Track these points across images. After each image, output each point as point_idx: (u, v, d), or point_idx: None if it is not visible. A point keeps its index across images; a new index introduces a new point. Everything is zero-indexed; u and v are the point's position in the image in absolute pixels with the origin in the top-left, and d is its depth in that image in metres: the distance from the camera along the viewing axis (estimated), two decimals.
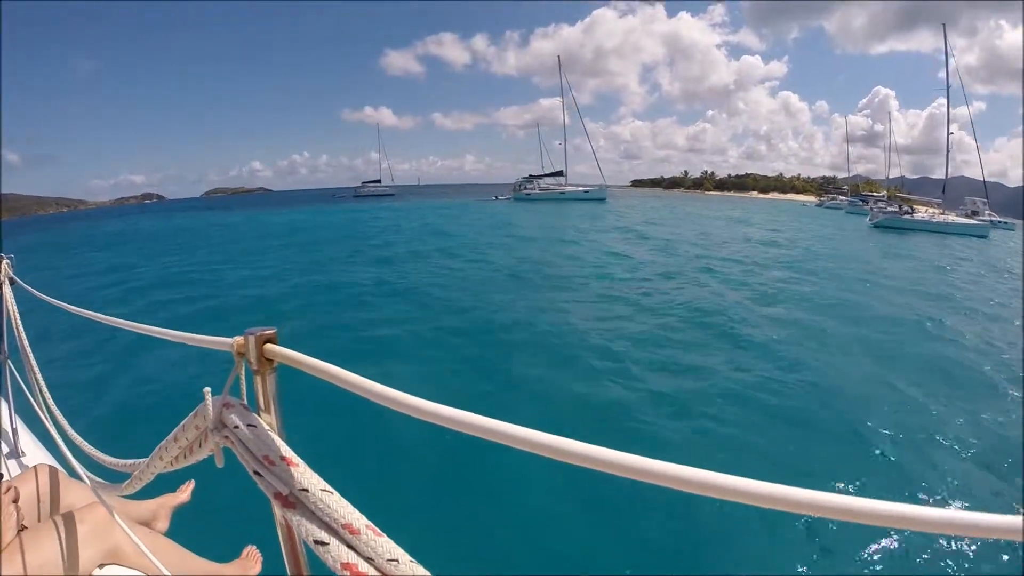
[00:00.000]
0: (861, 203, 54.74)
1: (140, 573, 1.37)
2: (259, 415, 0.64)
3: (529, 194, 52.06)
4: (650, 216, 31.62)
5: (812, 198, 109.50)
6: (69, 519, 1.31)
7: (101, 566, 1.35)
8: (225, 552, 1.63)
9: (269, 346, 0.64)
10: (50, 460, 1.82)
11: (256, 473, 0.59)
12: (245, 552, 1.68)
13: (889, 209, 33.02)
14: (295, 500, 0.57)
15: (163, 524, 1.72)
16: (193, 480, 1.89)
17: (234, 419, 0.63)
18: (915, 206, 32.12)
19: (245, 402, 0.66)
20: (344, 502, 0.55)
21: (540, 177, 55.72)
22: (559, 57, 60.08)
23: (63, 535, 1.28)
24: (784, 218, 36.59)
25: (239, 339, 0.65)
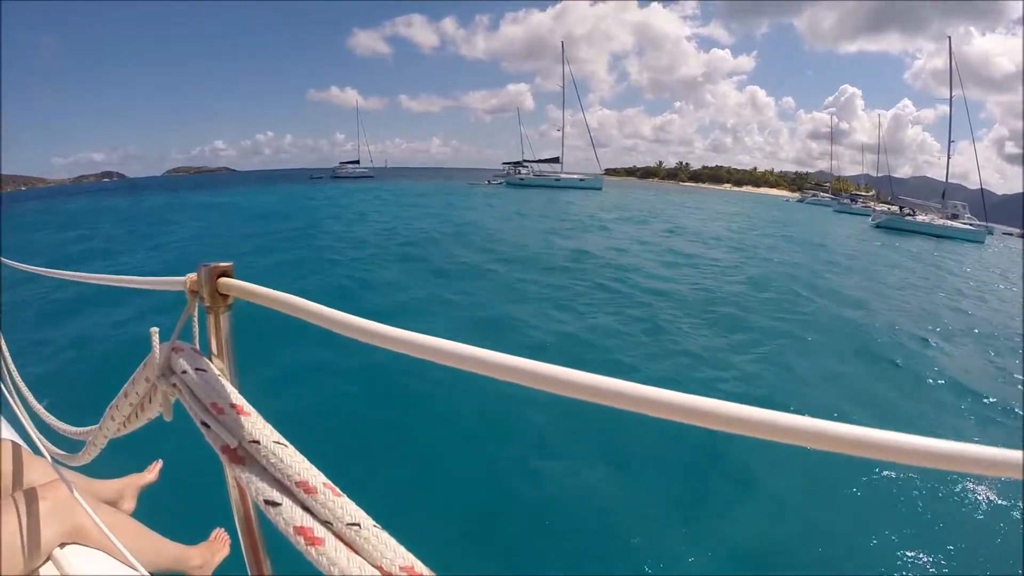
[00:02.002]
0: (850, 201, 55.32)
1: (102, 553, 1.29)
2: (211, 360, 0.57)
3: (523, 179, 50.04)
4: (661, 210, 29.87)
5: (785, 192, 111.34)
6: (30, 496, 1.24)
7: (62, 545, 1.27)
8: (193, 534, 1.55)
9: (224, 280, 0.56)
10: (13, 436, 1.74)
11: (204, 424, 0.52)
12: (213, 534, 1.61)
13: (891, 210, 33.54)
14: (244, 454, 0.49)
15: (129, 504, 1.64)
16: (161, 460, 1.81)
17: (182, 364, 0.55)
18: (915, 209, 32.44)
19: (197, 346, 0.58)
20: (300, 457, 0.48)
21: (534, 162, 54.18)
22: (563, 43, 58.24)
23: (22, 512, 1.21)
24: (780, 214, 36.37)
25: (192, 276, 0.58)
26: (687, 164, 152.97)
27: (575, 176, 51.19)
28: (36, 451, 1.44)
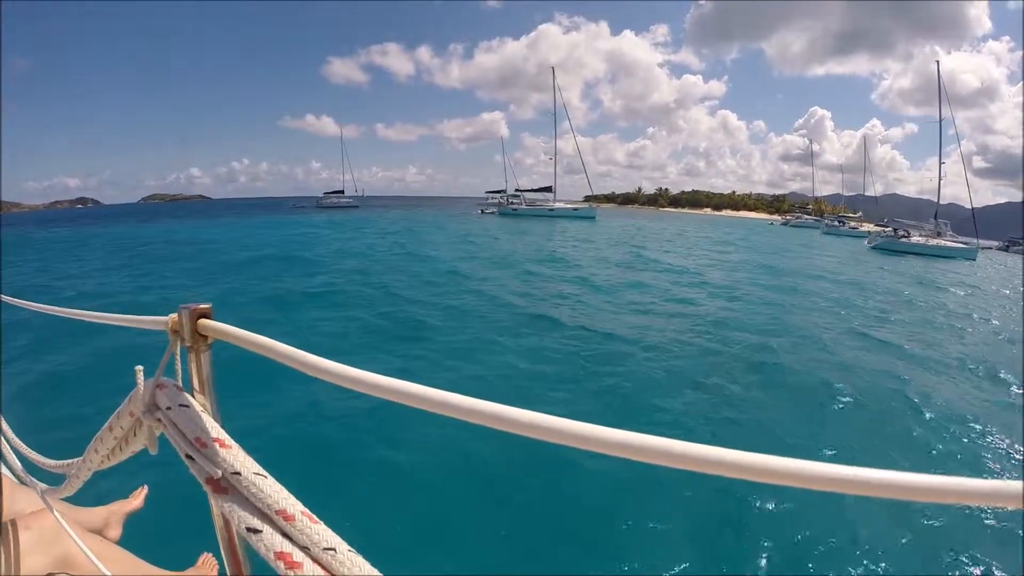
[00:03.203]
0: (838, 224, 55.85)
1: None
2: (193, 396, 0.60)
3: (516, 209, 50.14)
4: (670, 241, 28.64)
5: (765, 215, 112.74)
6: (16, 526, 1.24)
7: (50, 575, 1.27)
8: (180, 560, 1.55)
9: (203, 321, 0.60)
10: None
11: (188, 457, 0.55)
12: (201, 560, 1.60)
13: (886, 232, 34.62)
14: (227, 485, 0.52)
15: (115, 532, 1.64)
16: (146, 486, 1.80)
17: (166, 400, 0.59)
18: (909, 230, 33.60)
19: (180, 383, 0.62)
20: (278, 486, 0.51)
21: (527, 192, 54.71)
22: (552, 68, 58.15)
23: (8, 542, 1.21)
24: (778, 240, 36.09)
25: (174, 316, 0.61)
26: (666, 190, 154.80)
27: (569, 206, 51.46)
28: (21, 482, 1.43)
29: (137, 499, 1.77)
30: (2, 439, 1.56)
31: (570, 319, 8.24)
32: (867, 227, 53.12)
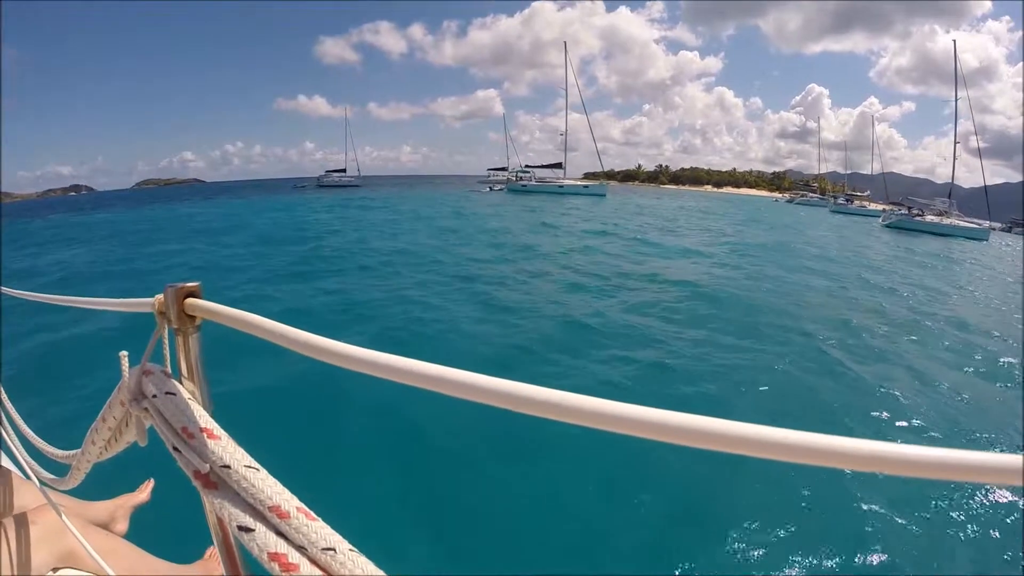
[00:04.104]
0: (846, 202, 55.52)
1: None
2: (181, 382, 0.56)
3: (525, 186, 49.29)
4: (688, 219, 27.99)
5: (766, 192, 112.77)
6: (20, 521, 1.23)
7: (55, 570, 1.26)
8: (187, 552, 1.53)
9: (191, 300, 0.55)
10: (2, 460, 1.72)
11: (175, 449, 0.51)
12: (208, 552, 1.59)
13: (900, 212, 34.96)
14: (217, 479, 0.48)
15: (122, 525, 1.62)
16: (152, 479, 1.79)
17: (152, 387, 0.54)
18: (924, 209, 33.95)
19: (168, 368, 0.57)
20: (272, 480, 0.46)
21: (536, 168, 53.82)
22: (565, 43, 57.26)
23: (13, 538, 1.20)
24: (787, 219, 35.53)
25: (159, 297, 0.57)
26: (667, 167, 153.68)
27: (579, 183, 50.90)
28: (26, 475, 1.42)
29: (144, 492, 1.75)
30: (7, 430, 1.54)
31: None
32: (874, 206, 53.03)
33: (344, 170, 70.30)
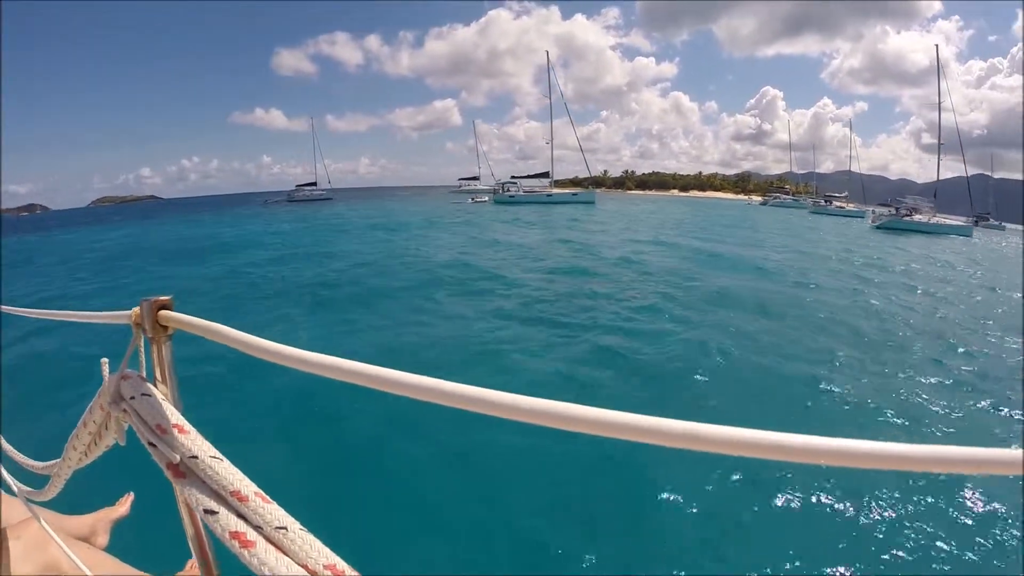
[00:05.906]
0: (824, 203, 56.87)
1: None
2: (155, 386, 0.62)
3: (512, 196, 48.18)
4: (687, 228, 27.99)
5: (732, 195, 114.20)
6: (2, 535, 1.25)
7: None
8: (168, 565, 1.56)
9: (164, 312, 0.62)
10: None
11: (151, 444, 0.57)
12: (189, 564, 1.61)
13: (889, 212, 36.48)
14: (185, 469, 0.54)
15: (102, 539, 1.64)
16: (132, 493, 1.81)
17: (130, 390, 0.60)
18: (910, 209, 35.42)
19: (143, 374, 0.64)
20: (233, 469, 0.53)
21: (523, 178, 53.28)
22: (547, 52, 58.19)
23: None
24: (770, 222, 36.47)
25: (136, 309, 0.63)
26: (633, 172, 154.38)
27: (567, 192, 50.95)
28: (7, 489, 1.44)
29: (123, 506, 1.77)
30: None
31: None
32: (851, 206, 55.41)
33: (315, 183, 69.24)
